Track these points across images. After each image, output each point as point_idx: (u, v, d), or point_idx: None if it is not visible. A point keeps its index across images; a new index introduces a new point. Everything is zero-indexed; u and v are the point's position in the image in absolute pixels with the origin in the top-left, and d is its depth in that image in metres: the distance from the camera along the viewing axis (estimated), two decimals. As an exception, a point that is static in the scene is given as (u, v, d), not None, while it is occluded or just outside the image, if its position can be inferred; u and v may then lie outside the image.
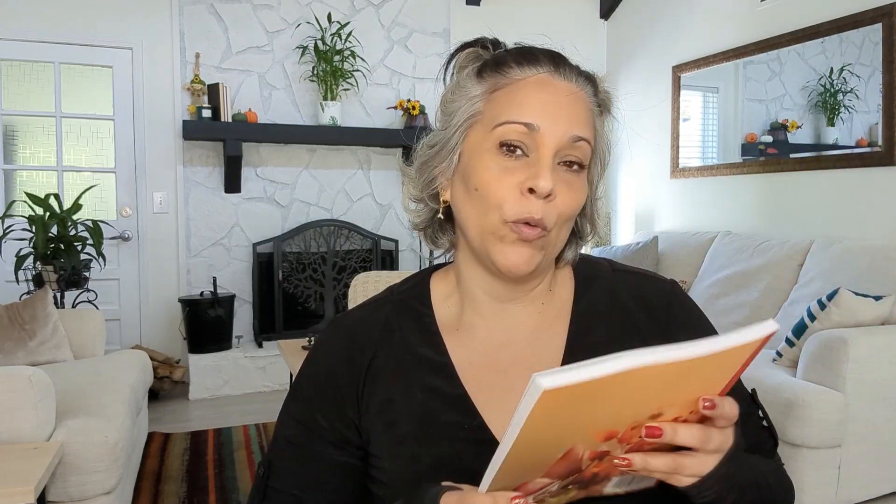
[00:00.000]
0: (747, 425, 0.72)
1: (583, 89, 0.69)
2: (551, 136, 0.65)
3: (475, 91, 0.69)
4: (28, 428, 1.81)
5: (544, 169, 0.64)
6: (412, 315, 0.76)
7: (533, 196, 0.64)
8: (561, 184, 0.66)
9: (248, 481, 2.65)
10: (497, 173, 0.66)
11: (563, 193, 0.66)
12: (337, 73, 4.11)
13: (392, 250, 4.42)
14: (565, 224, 0.68)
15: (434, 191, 0.74)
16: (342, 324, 0.78)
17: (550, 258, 0.71)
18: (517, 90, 0.67)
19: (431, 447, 0.68)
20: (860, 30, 3.19)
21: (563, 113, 0.66)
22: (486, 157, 0.67)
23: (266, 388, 3.97)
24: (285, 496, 0.73)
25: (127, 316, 4.05)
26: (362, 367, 0.74)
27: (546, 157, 0.65)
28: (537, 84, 0.67)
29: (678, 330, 0.74)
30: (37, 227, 3.29)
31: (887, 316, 2.52)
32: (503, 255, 0.66)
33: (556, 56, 0.69)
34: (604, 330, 0.74)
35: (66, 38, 3.80)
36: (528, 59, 0.68)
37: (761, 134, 3.78)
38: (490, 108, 0.68)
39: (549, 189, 0.63)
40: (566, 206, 0.66)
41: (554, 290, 0.77)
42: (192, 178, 4.06)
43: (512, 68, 0.68)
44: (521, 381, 0.71)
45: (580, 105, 0.68)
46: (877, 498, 2.45)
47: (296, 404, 0.76)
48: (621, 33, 4.94)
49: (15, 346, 2.68)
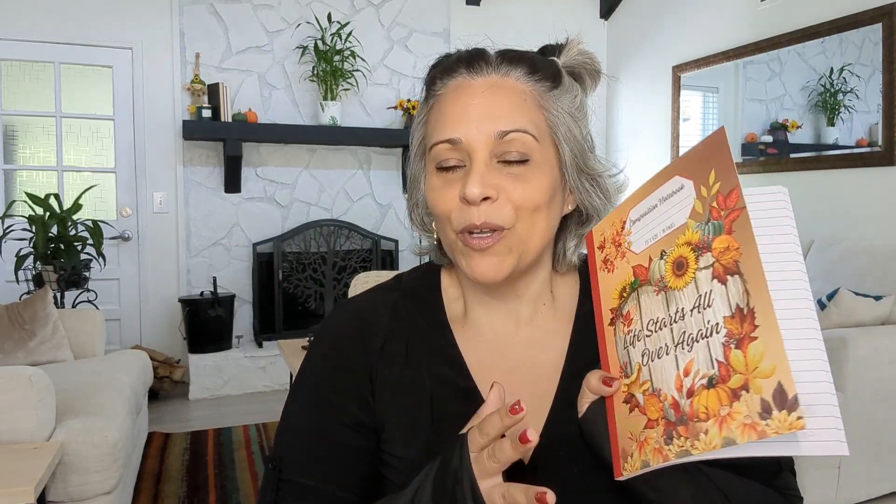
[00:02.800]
0: None
1: (508, 75, 0.66)
2: (475, 141, 0.64)
3: (420, 115, 0.71)
4: (28, 428, 1.81)
5: (472, 175, 0.64)
6: (422, 303, 0.76)
7: (470, 204, 0.64)
8: (505, 180, 0.65)
9: (249, 481, 2.66)
10: (440, 191, 0.67)
11: (512, 186, 0.65)
12: (337, 73, 4.11)
13: (392, 250, 4.42)
14: (532, 216, 0.66)
15: (428, 216, 0.75)
16: (350, 306, 0.77)
17: (529, 257, 0.69)
18: (440, 105, 0.68)
19: (443, 436, 0.67)
20: (860, 30, 3.19)
21: (481, 112, 0.65)
22: (431, 178, 0.68)
23: (266, 388, 3.97)
24: (300, 487, 0.70)
25: (127, 316, 4.05)
26: (375, 349, 0.72)
27: (477, 162, 0.64)
28: (454, 92, 0.67)
29: None
30: (37, 227, 3.30)
31: (887, 316, 2.52)
32: (470, 268, 0.67)
33: (472, 55, 0.68)
34: None
35: (66, 38, 3.80)
36: (446, 69, 0.68)
37: (761, 134, 3.79)
38: (427, 130, 0.69)
39: (478, 194, 0.63)
40: (520, 198, 0.65)
41: (557, 293, 0.76)
42: (192, 178, 4.06)
43: (436, 84, 0.69)
44: (527, 380, 0.71)
45: (503, 97, 0.65)
46: (877, 498, 2.45)
47: (305, 389, 0.74)
48: (621, 33, 4.94)
49: (15, 346, 2.68)
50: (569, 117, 0.68)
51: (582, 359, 0.71)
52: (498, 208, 0.64)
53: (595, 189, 0.71)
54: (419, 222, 0.77)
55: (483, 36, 0.74)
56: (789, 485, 0.70)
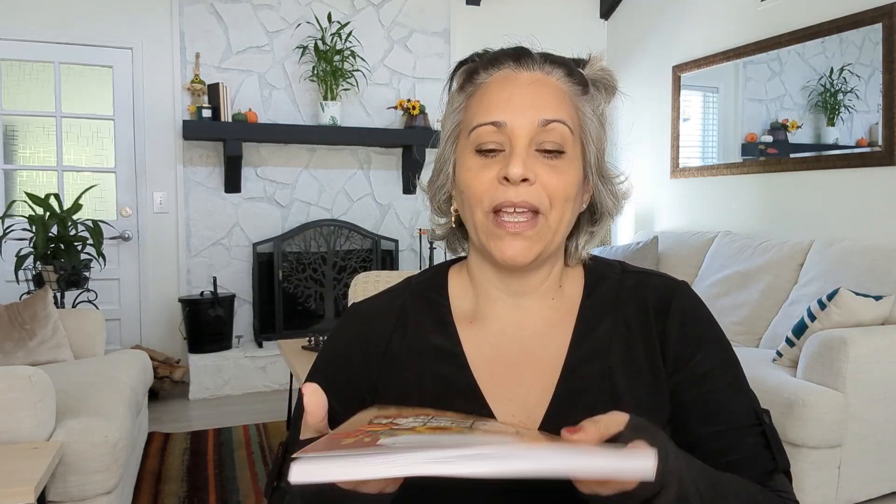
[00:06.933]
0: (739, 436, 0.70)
1: (550, 74, 0.71)
2: (519, 127, 0.68)
3: (456, 103, 0.75)
4: (28, 428, 1.81)
5: (516, 157, 0.67)
6: (429, 305, 0.79)
7: (509, 184, 0.68)
8: (542, 168, 0.69)
9: (249, 481, 2.66)
10: (476, 172, 0.70)
11: (547, 176, 0.68)
12: (337, 72, 4.11)
13: (392, 250, 4.42)
14: (563, 206, 0.70)
15: (444, 203, 0.79)
16: (358, 311, 0.81)
17: (553, 247, 0.72)
18: (484, 92, 0.72)
19: None
20: (860, 30, 3.19)
21: (527, 101, 0.69)
22: (467, 160, 0.71)
23: (266, 388, 3.97)
24: None
25: (127, 316, 4.05)
26: (377, 353, 0.76)
27: (518, 146, 0.68)
28: (500, 81, 0.71)
29: (672, 326, 0.73)
30: (37, 227, 3.29)
31: (887, 316, 2.52)
32: (499, 250, 0.70)
33: (519, 50, 0.72)
34: (606, 327, 0.75)
35: (66, 38, 3.80)
36: (492, 61, 0.73)
37: (761, 134, 3.79)
38: (467, 115, 0.73)
39: (520, 174, 0.67)
40: (554, 187, 0.69)
41: (564, 286, 0.78)
42: (192, 178, 4.06)
43: (479, 74, 0.73)
44: (530, 374, 0.73)
45: (546, 90, 0.70)
46: (877, 498, 2.45)
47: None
48: (621, 33, 4.94)
49: (15, 346, 2.68)
50: (596, 121, 0.74)
51: (582, 351, 0.73)
52: (535, 191, 0.68)
53: (608, 191, 0.76)
54: (438, 207, 0.80)
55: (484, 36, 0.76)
56: (785, 487, 0.70)
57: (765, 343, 3.08)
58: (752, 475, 0.67)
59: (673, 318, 0.74)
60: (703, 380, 0.72)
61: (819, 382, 2.34)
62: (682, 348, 0.73)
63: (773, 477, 0.69)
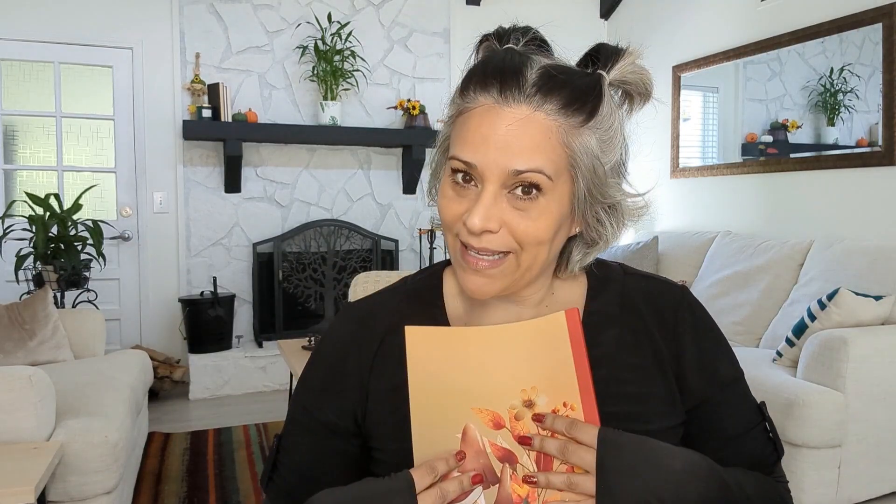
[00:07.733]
0: (752, 437, 0.75)
1: (539, 109, 0.64)
2: (490, 172, 0.64)
3: (449, 113, 0.71)
4: (28, 428, 1.81)
5: (479, 207, 0.64)
6: (423, 305, 0.78)
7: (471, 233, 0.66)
8: (512, 214, 0.65)
9: (249, 481, 2.66)
10: (449, 200, 0.68)
11: (516, 222, 0.65)
12: (337, 72, 4.11)
13: (392, 250, 4.42)
14: (536, 248, 0.67)
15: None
16: (353, 310, 0.81)
17: (524, 281, 0.70)
18: (467, 120, 0.67)
19: None
20: (860, 30, 3.19)
21: (500, 146, 0.63)
22: (445, 185, 0.70)
23: (266, 388, 3.97)
24: (291, 472, 0.77)
25: (127, 316, 4.05)
26: (371, 353, 0.76)
27: (486, 193, 0.64)
28: (481, 115, 0.65)
29: (684, 332, 0.75)
30: (37, 227, 3.30)
31: (887, 316, 2.52)
32: (463, 281, 0.70)
33: (507, 75, 0.65)
34: (614, 334, 0.74)
35: (66, 38, 3.80)
36: (482, 83, 0.66)
37: (761, 134, 3.78)
38: (453, 134, 0.69)
39: (480, 228, 0.64)
40: (523, 233, 0.65)
41: (558, 293, 0.77)
42: (192, 178, 4.06)
43: (468, 94, 0.67)
44: None
45: (527, 133, 0.63)
46: (877, 498, 2.45)
47: (302, 389, 0.79)
48: (621, 33, 4.94)
49: (15, 346, 2.68)
50: (592, 157, 0.67)
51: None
52: (500, 238, 0.66)
53: (609, 217, 0.71)
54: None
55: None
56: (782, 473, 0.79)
57: (765, 343, 3.08)
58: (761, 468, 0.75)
59: (685, 319, 0.76)
60: (724, 386, 0.75)
61: (819, 382, 2.34)
62: (699, 354, 0.75)
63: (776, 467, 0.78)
